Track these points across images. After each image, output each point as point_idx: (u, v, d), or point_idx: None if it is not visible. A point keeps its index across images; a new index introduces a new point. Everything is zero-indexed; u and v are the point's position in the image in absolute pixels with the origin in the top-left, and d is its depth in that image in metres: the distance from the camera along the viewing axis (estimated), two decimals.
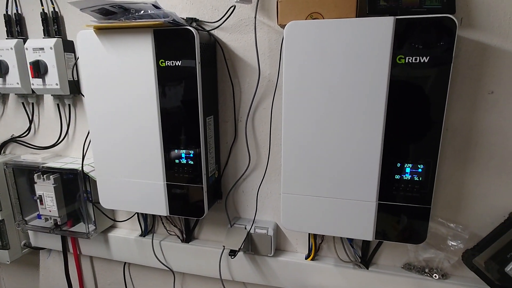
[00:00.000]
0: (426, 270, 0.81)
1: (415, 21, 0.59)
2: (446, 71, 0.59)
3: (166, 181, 0.81)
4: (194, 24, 0.82)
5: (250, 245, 0.90)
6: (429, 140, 0.64)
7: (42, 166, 0.96)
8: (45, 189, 0.97)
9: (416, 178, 0.66)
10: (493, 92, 0.69)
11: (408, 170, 0.66)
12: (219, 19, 0.81)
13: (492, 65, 0.68)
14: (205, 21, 0.83)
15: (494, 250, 0.73)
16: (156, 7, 0.70)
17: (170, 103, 0.76)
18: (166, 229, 1.01)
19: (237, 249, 0.84)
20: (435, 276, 0.79)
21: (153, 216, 1.02)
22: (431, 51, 0.59)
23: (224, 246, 0.87)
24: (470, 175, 0.74)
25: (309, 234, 0.88)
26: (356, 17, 0.63)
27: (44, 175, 0.96)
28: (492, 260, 0.73)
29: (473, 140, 0.72)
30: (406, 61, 0.60)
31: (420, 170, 0.66)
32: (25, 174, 1.05)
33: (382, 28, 0.60)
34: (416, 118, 0.63)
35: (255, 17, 0.78)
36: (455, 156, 0.74)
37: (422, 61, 0.60)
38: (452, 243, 0.76)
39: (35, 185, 0.98)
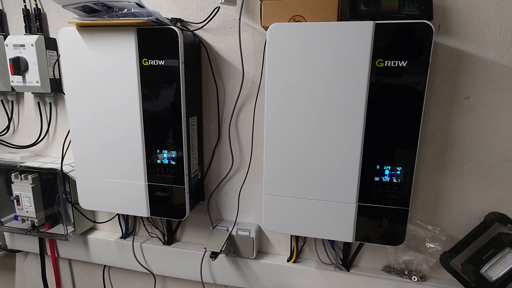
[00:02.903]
0: (406, 272, 0.82)
1: (393, 26, 0.60)
2: (423, 76, 0.61)
3: (148, 182, 0.80)
4: (178, 24, 0.82)
5: (232, 247, 0.89)
6: (407, 142, 0.65)
7: (20, 166, 0.93)
8: (23, 189, 0.94)
9: (394, 180, 0.67)
10: (469, 97, 0.71)
11: (387, 172, 0.67)
12: (203, 20, 0.81)
13: (468, 71, 0.70)
14: (189, 22, 0.83)
15: (470, 252, 0.75)
16: (140, 5, 0.70)
17: (153, 103, 0.75)
18: (147, 231, 0.99)
19: (219, 251, 0.84)
20: (414, 278, 0.80)
21: (134, 217, 1.01)
22: (409, 55, 0.61)
23: (205, 248, 0.86)
24: (446, 178, 0.76)
25: (291, 236, 0.88)
26: (337, 21, 0.65)
27: (22, 175, 0.94)
28: (468, 262, 0.75)
29: (450, 144, 0.74)
30: (385, 64, 0.62)
31: (398, 172, 0.67)
32: (2, 174, 1.02)
33: (362, 32, 0.61)
34: (394, 121, 0.64)
35: (240, 19, 0.78)
36: (433, 159, 0.76)
37: (400, 65, 0.61)
38: (430, 245, 0.77)
39: (12, 185, 0.95)
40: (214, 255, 0.85)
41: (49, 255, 1.10)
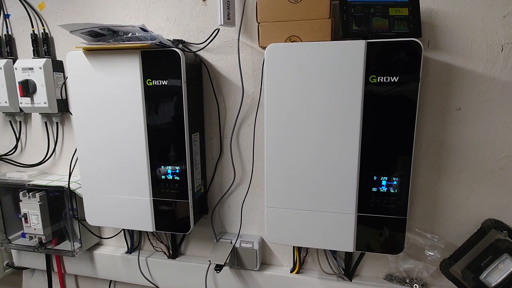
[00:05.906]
0: (407, 281, 0.83)
1: (384, 44, 0.64)
2: (415, 90, 0.64)
3: (153, 197, 0.82)
4: (180, 45, 0.85)
5: (236, 260, 0.91)
6: (402, 153, 0.67)
7: (28, 184, 0.96)
8: (30, 207, 0.97)
9: (392, 190, 0.69)
10: (460, 108, 0.74)
11: (384, 182, 0.70)
12: (204, 40, 0.85)
13: (458, 83, 0.73)
14: (191, 43, 0.87)
15: (469, 259, 0.76)
16: (144, 30, 0.74)
17: (157, 121, 0.78)
18: (152, 245, 1.01)
19: (223, 264, 0.85)
20: (416, 286, 0.82)
21: (140, 232, 1.02)
22: (400, 71, 0.64)
23: (210, 261, 0.88)
24: (443, 186, 0.78)
25: (293, 247, 0.90)
26: (331, 40, 0.68)
27: (30, 193, 0.96)
28: (468, 269, 0.76)
29: (445, 153, 0.76)
30: (378, 80, 0.65)
31: (395, 182, 0.69)
32: (10, 192, 1.05)
33: (355, 50, 0.65)
34: (389, 133, 0.67)
35: (238, 39, 0.82)
36: (429, 169, 0.78)
37: (392, 80, 0.64)
38: (430, 253, 0.79)
39: (20, 203, 0.98)
40: (218, 267, 0.86)
41: (56, 272, 1.12)
